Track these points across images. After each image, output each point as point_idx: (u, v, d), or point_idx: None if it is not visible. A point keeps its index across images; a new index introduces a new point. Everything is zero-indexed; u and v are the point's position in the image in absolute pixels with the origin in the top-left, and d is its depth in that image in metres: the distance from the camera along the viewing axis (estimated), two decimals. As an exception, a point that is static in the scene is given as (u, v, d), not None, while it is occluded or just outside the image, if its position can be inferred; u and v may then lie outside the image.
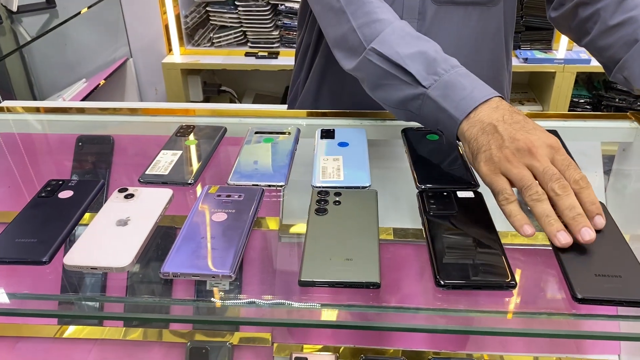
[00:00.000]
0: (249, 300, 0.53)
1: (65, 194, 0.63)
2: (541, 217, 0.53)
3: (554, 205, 0.54)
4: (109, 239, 0.55)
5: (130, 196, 0.62)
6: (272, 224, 0.67)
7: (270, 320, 0.53)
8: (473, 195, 0.62)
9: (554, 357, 0.87)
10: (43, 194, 0.63)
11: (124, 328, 0.93)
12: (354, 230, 0.56)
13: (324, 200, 0.62)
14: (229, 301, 0.53)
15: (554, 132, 0.77)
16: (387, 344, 0.88)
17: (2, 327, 0.93)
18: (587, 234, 0.52)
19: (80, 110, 0.90)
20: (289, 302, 0.51)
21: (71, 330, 0.94)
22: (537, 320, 0.50)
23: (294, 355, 0.88)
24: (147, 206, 0.60)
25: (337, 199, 0.62)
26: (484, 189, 0.62)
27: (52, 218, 0.59)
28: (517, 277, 0.51)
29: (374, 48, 0.72)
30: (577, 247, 0.53)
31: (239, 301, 0.53)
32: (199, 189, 0.67)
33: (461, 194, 0.62)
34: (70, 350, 0.94)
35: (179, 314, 0.55)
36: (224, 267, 0.51)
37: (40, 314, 0.54)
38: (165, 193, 0.63)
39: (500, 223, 0.57)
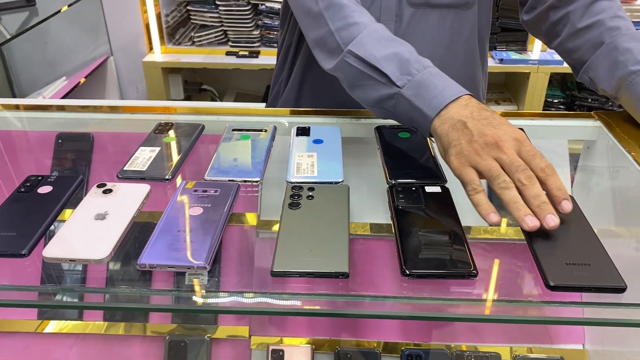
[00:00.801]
0: (226, 290, 0.55)
1: (45, 189, 0.64)
2: (509, 204, 0.56)
3: (521, 195, 0.57)
4: (87, 232, 0.57)
5: (108, 191, 0.64)
6: (250, 218, 0.69)
7: (245, 309, 0.55)
8: (440, 190, 0.65)
9: (525, 347, 0.91)
10: (22, 189, 0.64)
11: (105, 323, 0.94)
12: (326, 224, 0.59)
13: (297, 195, 0.64)
14: (206, 292, 0.55)
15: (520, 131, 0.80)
16: (362, 336, 0.91)
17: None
18: (552, 220, 0.55)
19: (61, 108, 0.90)
20: (264, 292, 0.54)
21: (52, 326, 0.95)
22: (507, 307, 0.52)
23: (270, 348, 0.90)
24: (125, 201, 0.62)
25: (310, 193, 0.64)
26: (454, 184, 0.65)
27: (31, 212, 0.60)
28: (496, 267, 0.54)
29: (351, 50, 0.74)
30: (549, 238, 0.56)
31: (216, 292, 0.55)
32: (178, 183, 0.69)
33: (429, 189, 0.65)
34: (51, 345, 0.95)
35: (157, 304, 0.57)
36: (199, 259, 0.53)
37: (20, 304, 0.55)
38: (143, 188, 0.65)
39: (470, 218, 0.60)
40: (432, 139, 0.68)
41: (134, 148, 0.75)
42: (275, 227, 0.66)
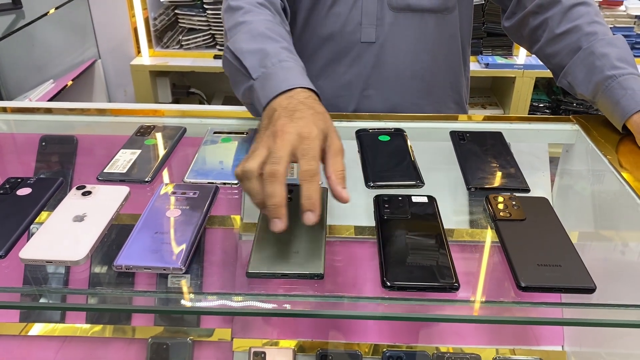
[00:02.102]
0: (205, 292, 0.55)
1: (24, 191, 0.64)
2: (247, 193, 0.56)
3: None
4: (65, 233, 0.57)
5: (87, 193, 0.64)
6: (233, 221, 0.69)
7: (224, 310, 0.55)
8: (426, 201, 0.65)
9: (508, 349, 0.92)
10: (1, 191, 0.64)
11: (88, 326, 0.94)
12: (303, 225, 0.59)
13: None
14: (186, 294, 0.55)
15: (498, 134, 0.81)
16: (344, 338, 0.91)
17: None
18: (275, 226, 0.53)
19: (48, 111, 0.91)
20: (244, 293, 0.54)
21: (35, 330, 0.95)
22: (483, 308, 0.53)
23: (252, 350, 0.90)
24: (104, 203, 0.62)
25: (289, 195, 0.64)
26: (436, 192, 0.66)
27: (9, 214, 0.60)
28: (471, 269, 0.54)
29: (228, 46, 0.77)
30: (522, 239, 0.57)
31: (196, 293, 0.55)
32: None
33: (415, 199, 0.65)
34: (33, 349, 0.94)
35: (136, 305, 0.57)
36: (175, 260, 0.54)
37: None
38: (122, 190, 0.65)
39: (451, 224, 0.61)
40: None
41: (116, 150, 0.76)
42: (254, 229, 0.67)
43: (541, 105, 2.39)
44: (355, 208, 0.67)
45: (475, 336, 0.93)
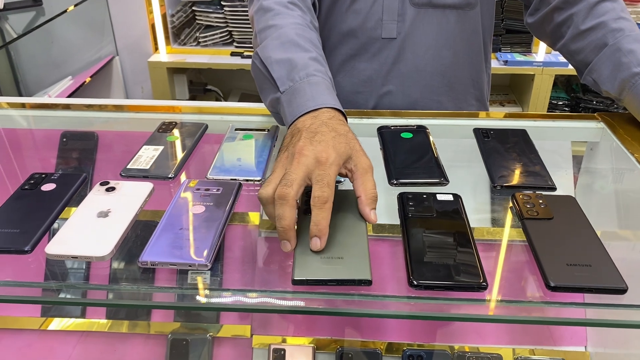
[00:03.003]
0: (227, 289, 0.55)
1: (48, 187, 0.65)
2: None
3: None
4: (89, 229, 0.57)
5: (111, 189, 0.64)
6: (253, 217, 0.69)
7: (246, 307, 0.55)
8: (452, 199, 0.64)
9: (528, 349, 0.90)
10: (26, 187, 0.64)
11: (108, 321, 0.95)
12: (343, 229, 0.58)
13: None
14: (209, 291, 0.55)
15: (522, 132, 0.80)
16: (364, 336, 0.91)
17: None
18: (284, 247, 0.54)
19: (66, 107, 0.91)
20: (266, 290, 0.54)
21: (55, 324, 0.95)
22: (509, 308, 0.52)
23: (272, 347, 0.90)
24: (128, 199, 0.62)
25: None
26: (460, 190, 0.65)
27: (34, 209, 0.60)
28: (498, 268, 0.53)
29: (257, 53, 0.75)
30: (550, 239, 0.56)
31: (218, 290, 0.55)
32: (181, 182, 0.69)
33: (440, 197, 0.64)
34: (54, 343, 0.95)
35: (158, 302, 0.57)
36: (200, 257, 0.54)
37: (22, 300, 0.56)
38: (146, 186, 0.65)
39: (476, 222, 0.60)
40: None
41: (138, 147, 0.76)
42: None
43: (560, 102, 2.36)
44: (377, 205, 0.66)
45: (496, 335, 0.92)
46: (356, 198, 0.59)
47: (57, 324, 0.95)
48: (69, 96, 2.06)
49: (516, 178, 0.69)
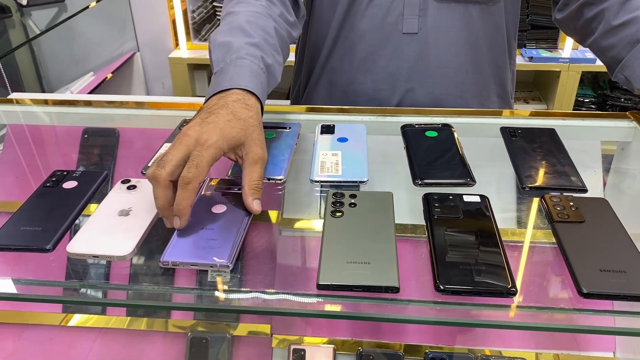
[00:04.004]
0: (248, 290, 0.54)
1: (70, 184, 0.64)
2: None
3: None
4: (111, 228, 0.57)
5: (132, 187, 0.64)
6: (273, 217, 0.68)
7: (267, 309, 0.54)
8: (479, 200, 0.62)
9: (552, 353, 0.88)
10: (48, 184, 0.64)
11: (127, 318, 0.95)
12: (371, 233, 0.56)
13: (339, 202, 0.61)
14: (229, 292, 0.54)
15: (551, 131, 0.78)
16: (385, 337, 0.89)
17: (9, 315, 0.94)
18: (166, 224, 0.56)
19: (88, 103, 0.91)
20: (287, 292, 0.53)
21: (75, 320, 0.96)
22: (540, 315, 0.50)
23: (292, 347, 0.89)
24: (149, 197, 0.61)
25: (353, 200, 0.62)
26: (487, 191, 0.63)
27: (56, 207, 0.60)
28: (527, 272, 0.51)
29: (210, 36, 0.77)
30: (582, 243, 0.54)
31: (239, 291, 0.54)
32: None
33: (467, 198, 0.62)
34: (74, 339, 0.96)
35: (178, 302, 0.56)
36: (222, 257, 0.53)
37: (44, 299, 0.55)
38: None
39: (504, 225, 0.58)
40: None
41: (158, 144, 0.75)
42: (298, 225, 0.66)
43: (586, 100, 2.32)
44: (400, 205, 0.65)
45: (519, 339, 0.90)
46: (385, 200, 0.59)
47: (77, 319, 0.96)
48: (91, 92, 2.07)
49: (545, 179, 0.67)
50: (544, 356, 0.88)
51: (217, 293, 0.54)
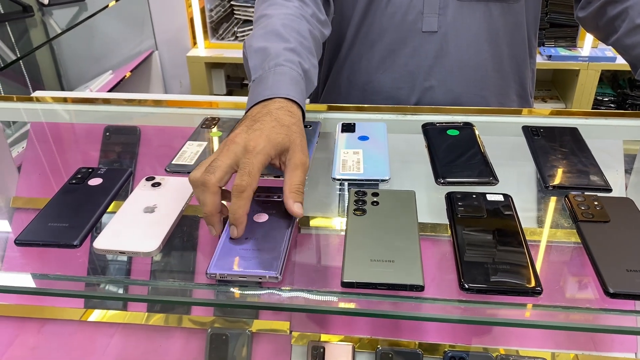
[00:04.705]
0: (268, 288, 0.54)
1: (95, 181, 0.65)
2: None
3: None
4: (136, 225, 0.57)
5: (157, 185, 0.64)
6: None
7: (288, 305, 0.54)
8: (502, 199, 0.62)
9: (571, 354, 0.88)
10: (73, 181, 0.65)
11: (147, 313, 0.96)
12: (394, 231, 0.56)
13: (361, 200, 0.61)
14: (248, 289, 0.54)
15: (573, 130, 0.77)
16: (404, 336, 0.89)
17: (29, 309, 0.95)
18: (211, 232, 0.56)
19: (107, 101, 0.92)
20: (307, 289, 0.53)
21: (95, 315, 0.97)
22: (565, 315, 0.50)
23: (311, 344, 0.89)
24: (174, 195, 0.62)
25: (375, 199, 0.62)
26: (509, 189, 0.63)
27: (82, 204, 0.61)
28: (552, 272, 0.51)
29: (245, 42, 0.77)
30: (608, 242, 0.54)
31: (257, 287, 0.54)
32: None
33: (490, 197, 0.62)
34: (93, 334, 0.97)
35: (198, 298, 0.56)
36: (271, 269, 0.52)
37: (68, 294, 0.56)
38: None
39: (527, 224, 0.58)
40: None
41: (178, 142, 0.76)
42: (317, 223, 0.66)
43: (606, 99, 2.29)
44: (421, 204, 0.65)
45: (537, 338, 0.89)
46: (408, 199, 0.59)
47: (98, 315, 0.97)
48: (110, 90, 2.09)
49: (569, 178, 0.66)
50: (562, 356, 0.87)
51: (236, 292, 0.54)
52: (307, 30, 0.79)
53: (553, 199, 0.66)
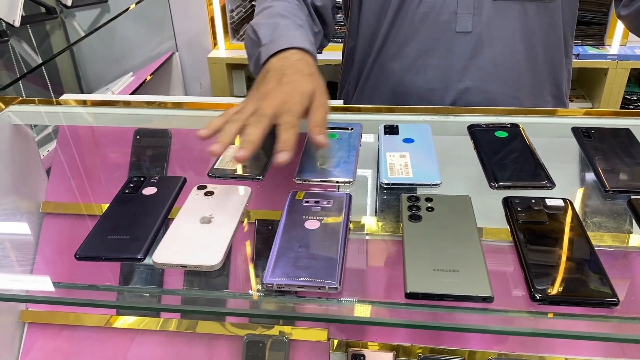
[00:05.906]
0: (306, 295, 0.52)
1: (149, 191, 0.64)
2: None
3: None
4: (195, 237, 0.55)
5: (210, 193, 0.63)
6: (353, 224, 0.65)
7: (350, 318, 0.52)
8: (562, 204, 0.60)
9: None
10: (127, 191, 0.64)
11: (183, 320, 0.94)
12: (454, 239, 0.54)
13: (415, 206, 0.60)
14: (285, 296, 0.52)
15: (626, 131, 0.74)
16: (445, 344, 0.87)
17: (48, 315, 0.94)
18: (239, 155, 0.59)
19: (127, 104, 0.90)
20: (370, 300, 0.51)
21: (130, 321, 0.95)
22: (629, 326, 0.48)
23: (351, 352, 0.87)
24: (228, 204, 0.60)
25: (430, 204, 0.60)
26: (566, 194, 0.60)
27: (140, 215, 0.59)
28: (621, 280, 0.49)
29: (249, 24, 0.84)
30: None
31: (296, 296, 0.52)
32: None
33: (550, 202, 0.60)
34: (127, 340, 0.95)
35: (234, 307, 0.55)
36: (330, 278, 0.50)
37: (98, 304, 0.55)
38: (245, 190, 0.63)
39: (587, 228, 0.56)
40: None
41: (204, 145, 0.74)
42: (366, 229, 0.64)
43: (634, 98, 2.25)
44: (475, 209, 0.63)
45: (587, 347, 0.86)
46: (464, 204, 0.59)
47: (132, 321, 0.96)
48: (132, 93, 2.08)
49: (631, 182, 0.64)
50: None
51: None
52: (305, 17, 0.86)
53: (613, 204, 0.63)
